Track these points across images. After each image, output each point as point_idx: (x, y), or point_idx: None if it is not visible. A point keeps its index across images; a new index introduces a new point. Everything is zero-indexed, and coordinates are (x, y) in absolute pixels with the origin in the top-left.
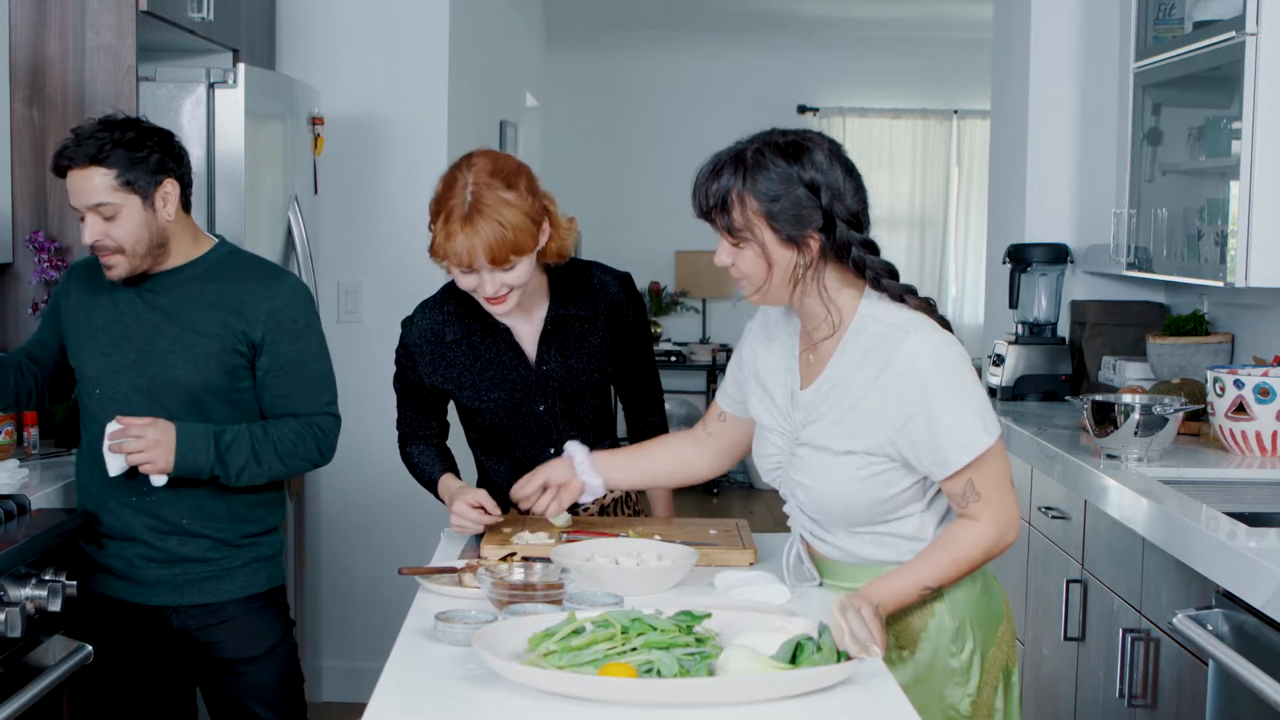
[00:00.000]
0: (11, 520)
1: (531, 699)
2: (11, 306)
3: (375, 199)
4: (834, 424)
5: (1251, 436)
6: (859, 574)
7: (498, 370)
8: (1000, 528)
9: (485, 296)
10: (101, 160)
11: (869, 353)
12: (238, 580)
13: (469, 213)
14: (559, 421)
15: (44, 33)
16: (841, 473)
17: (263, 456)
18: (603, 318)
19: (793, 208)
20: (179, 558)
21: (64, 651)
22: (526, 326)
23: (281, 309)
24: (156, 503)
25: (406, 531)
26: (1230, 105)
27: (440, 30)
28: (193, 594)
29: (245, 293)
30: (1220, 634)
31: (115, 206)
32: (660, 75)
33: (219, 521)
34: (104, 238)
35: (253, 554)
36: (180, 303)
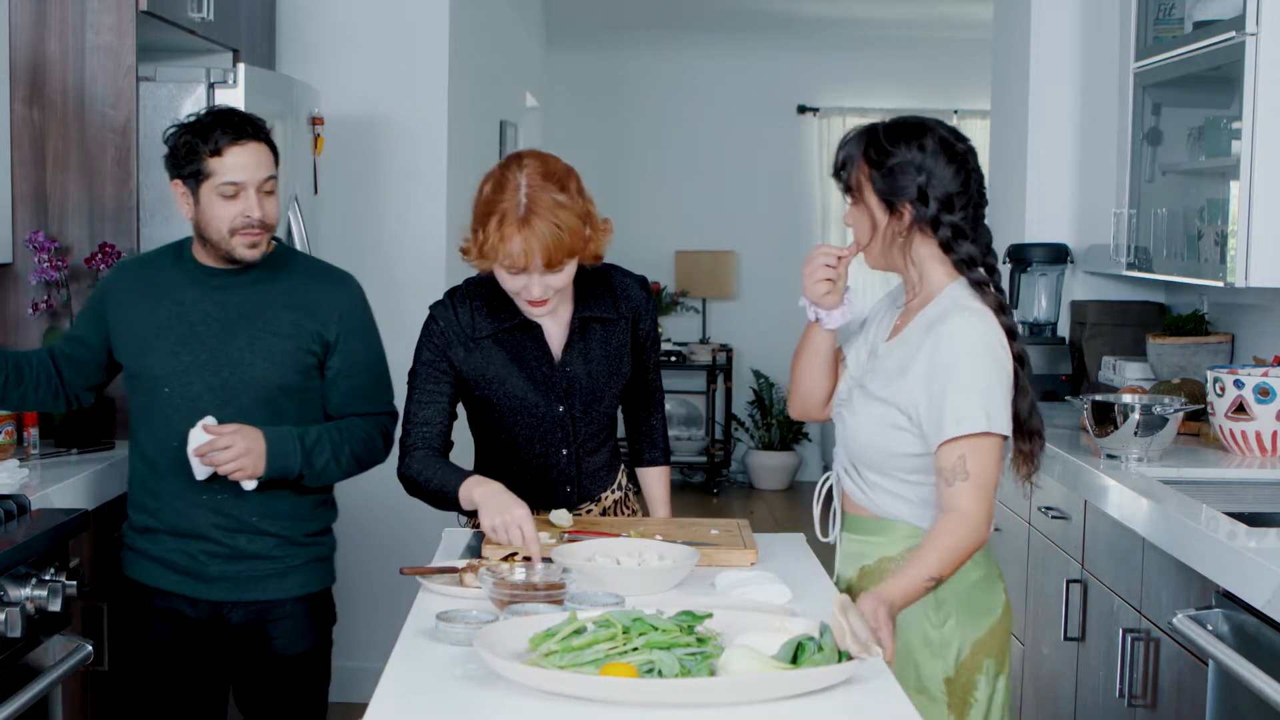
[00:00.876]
0: (11, 520)
1: (532, 699)
2: (11, 306)
3: (375, 199)
4: (884, 374)
5: (1251, 436)
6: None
7: (523, 368)
8: (984, 514)
9: (530, 299)
10: (262, 136)
11: (932, 324)
12: (297, 578)
13: (525, 214)
14: (576, 424)
15: (44, 33)
16: (871, 416)
17: (341, 456)
18: (625, 320)
19: (891, 176)
20: (245, 554)
21: (64, 651)
22: (554, 327)
23: (351, 310)
24: (227, 501)
25: (407, 531)
26: (1230, 105)
27: (440, 30)
28: (255, 590)
29: (317, 293)
30: (1220, 634)
31: (276, 182)
32: (660, 75)
33: (285, 520)
34: (259, 212)
35: (314, 553)
36: (252, 302)
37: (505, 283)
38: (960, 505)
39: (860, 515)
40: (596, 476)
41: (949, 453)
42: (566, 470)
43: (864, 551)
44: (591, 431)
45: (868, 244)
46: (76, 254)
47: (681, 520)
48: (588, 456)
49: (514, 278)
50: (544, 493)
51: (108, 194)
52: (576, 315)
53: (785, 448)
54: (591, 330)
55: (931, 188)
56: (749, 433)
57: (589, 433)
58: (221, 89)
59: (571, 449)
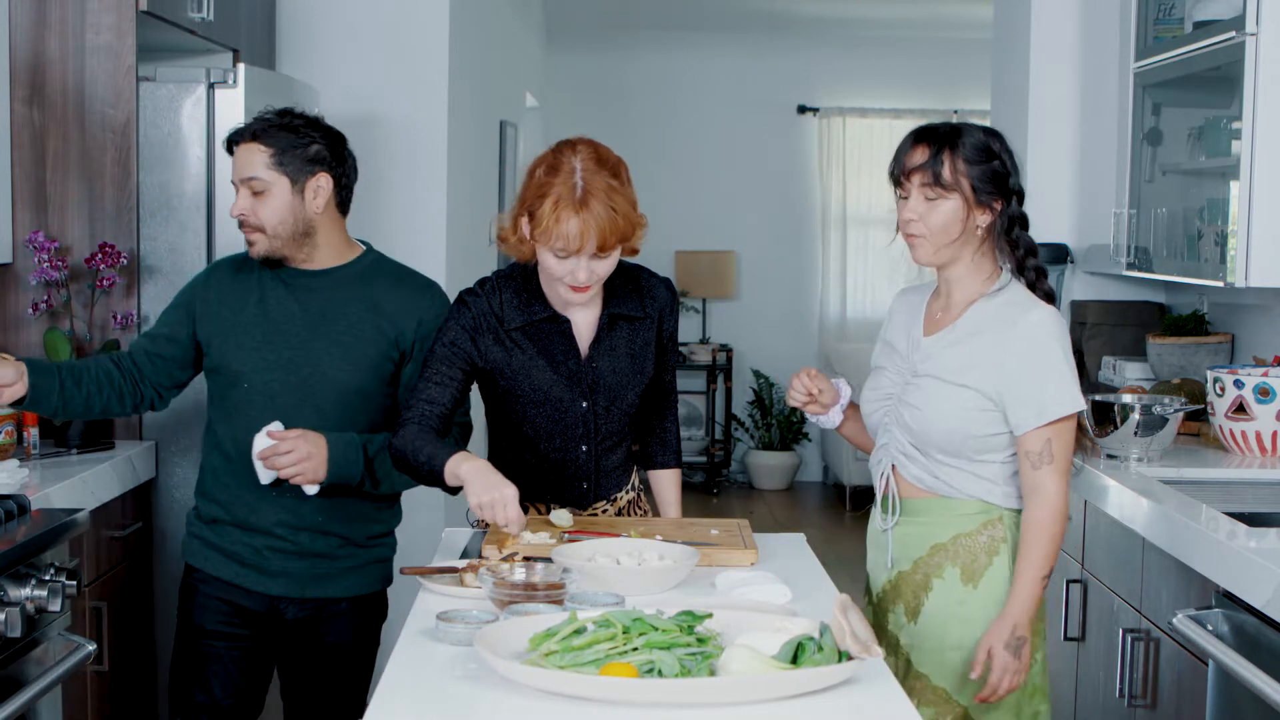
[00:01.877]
0: (11, 520)
1: (533, 699)
2: (11, 306)
3: (375, 199)
4: (955, 361)
5: (1251, 436)
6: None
7: (550, 361)
8: (1066, 495)
9: (575, 284)
10: (262, 137)
11: (999, 315)
12: (355, 579)
13: (583, 196)
14: (598, 420)
15: (44, 33)
16: (953, 402)
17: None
18: (651, 319)
19: (990, 173)
20: (309, 552)
21: (64, 651)
22: (585, 321)
23: (430, 319)
24: (293, 501)
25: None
26: (1230, 105)
27: (440, 30)
28: (314, 588)
29: (398, 300)
30: (1220, 634)
31: (265, 184)
32: (660, 75)
33: (350, 521)
34: (250, 214)
35: (374, 554)
36: (334, 305)
37: (551, 268)
38: (1047, 489)
39: (925, 498)
40: (613, 475)
41: (1038, 437)
42: (585, 466)
43: (925, 534)
44: (612, 429)
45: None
46: (76, 254)
47: (681, 520)
48: (606, 454)
49: (561, 262)
50: (561, 488)
51: (108, 194)
52: (606, 311)
53: (785, 448)
54: (619, 328)
55: (1016, 186)
56: (749, 433)
57: (609, 430)
58: (221, 89)
59: (592, 445)
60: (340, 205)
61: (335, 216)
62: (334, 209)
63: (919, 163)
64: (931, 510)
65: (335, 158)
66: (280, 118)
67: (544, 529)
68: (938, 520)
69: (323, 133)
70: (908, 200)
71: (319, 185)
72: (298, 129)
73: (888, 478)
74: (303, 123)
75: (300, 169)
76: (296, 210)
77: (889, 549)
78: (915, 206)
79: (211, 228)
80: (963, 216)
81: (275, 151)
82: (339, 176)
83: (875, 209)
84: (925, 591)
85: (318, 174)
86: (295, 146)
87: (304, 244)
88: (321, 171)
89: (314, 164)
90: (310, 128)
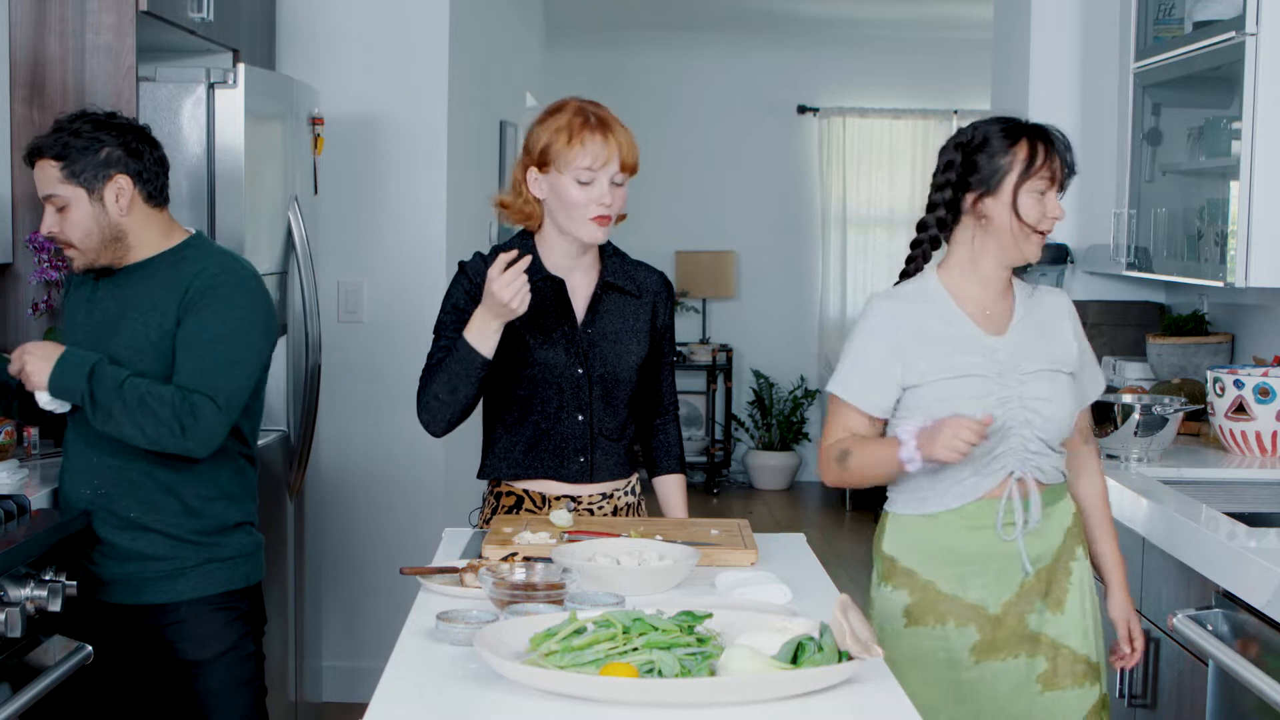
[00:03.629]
0: (11, 520)
1: (533, 699)
2: (11, 306)
3: (375, 199)
4: (1048, 350)
5: (1251, 436)
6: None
7: (547, 321)
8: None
9: (602, 208)
10: (47, 151)
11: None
12: (192, 580)
13: (597, 120)
14: (594, 389)
15: (44, 33)
16: (1068, 388)
17: (128, 401)
18: (645, 301)
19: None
20: (134, 554)
21: (64, 651)
22: (581, 287)
23: (209, 289)
24: (108, 497)
25: (407, 531)
26: (1230, 105)
27: (440, 30)
28: (149, 593)
29: (189, 275)
30: (1220, 634)
31: (63, 199)
32: (660, 75)
33: (170, 516)
34: (58, 230)
35: (208, 554)
36: (138, 297)
37: (574, 199)
38: (1096, 464)
39: (1050, 488)
40: (611, 459)
41: (1087, 413)
42: (581, 438)
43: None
44: (608, 401)
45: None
46: None
47: (682, 520)
48: (604, 430)
49: (585, 189)
50: (558, 460)
51: None
52: (601, 279)
53: (785, 448)
54: (613, 297)
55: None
56: (749, 433)
57: (606, 402)
58: (221, 89)
59: (588, 415)
60: (150, 199)
61: (146, 212)
62: (143, 205)
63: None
64: (1057, 497)
65: (131, 154)
66: (69, 124)
67: (544, 529)
68: (1062, 506)
69: (113, 131)
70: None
71: (118, 188)
72: (86, 135)
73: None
74: (90, 126)
75: (94, 176)
76: (100, 219)
77: (1023, 553)
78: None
79: (212, 228)
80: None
81: (65, 164)
82: (139, 173)
83: (875, 209)
84: (1067, 577)
85: (113, 177)
86: (84, 154)
87: (116, 248)
88: (117, 174)
89: (107, 168)
90: (100, 129)
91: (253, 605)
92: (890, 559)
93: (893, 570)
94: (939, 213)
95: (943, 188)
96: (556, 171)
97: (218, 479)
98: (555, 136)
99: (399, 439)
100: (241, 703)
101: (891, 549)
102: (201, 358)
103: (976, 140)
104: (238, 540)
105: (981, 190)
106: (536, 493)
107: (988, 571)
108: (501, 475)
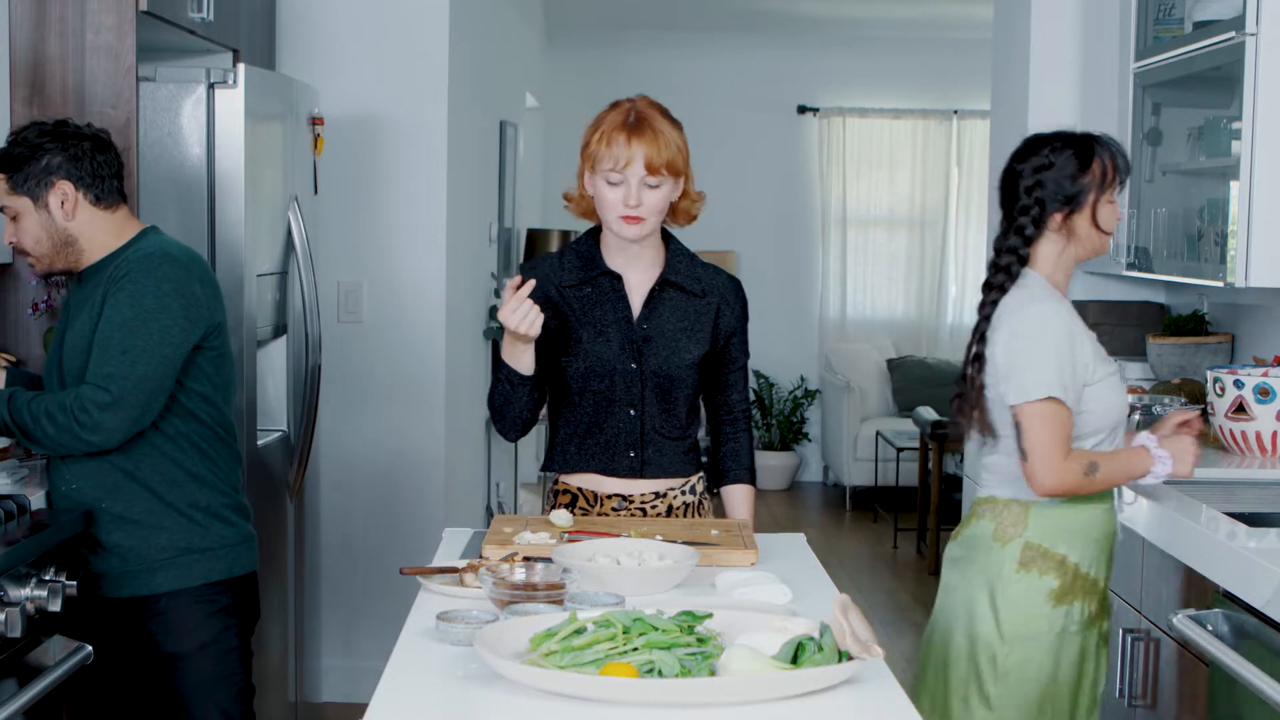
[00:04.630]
0: (11, 520)
1: (533, 699)
2: (11, 306)
3: (375, 199)
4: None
5: (1251, 436)
6: None
7: (603, 316)
8: None
9: (627, 209)
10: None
11: None
12: (171, 572)
13: (634, 123)
14: (646, 385)
15: (44, 33)
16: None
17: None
18: (709, 302)
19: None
20: (113, 547)
21: (64, 651)
22: (639, 284)
23: (116, 275)
24: (79, 492)
25: (407, 531)
26: (1230, 105)
27: (440, 30)
28: (131, 586)
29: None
30: (1220, 634)
31: (14, 209)
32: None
33: (139, 501)
34: (15, 239)
35: (184, 543)
36: (86, 295)
37: (604, 197)
38: None
39: None
40: (665, 456)
41: None
42: (632, 434)
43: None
44: (665, 405)
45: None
46: None
47: (682, 520)
48: (657, 433)
49: (613, 189)
50: (608, 456)
51: None
52: (660, 276)
53: (785, 448)
54: (671, 294)
55: None
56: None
57: (661, 404)
58: (221, 89)
59: (639, 411)
60: (98, 201)
61: (95, 214)
62: (90, 208)
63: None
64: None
65: (71, 160)
66: (19, 134)
67: (544, 529)
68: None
69: (53, 138)
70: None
71: (62, 194)
72: (26, 143)
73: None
74: (33, 134)
75: (37, 185)
76: (48, 226)
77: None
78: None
79: (212, 228)
80: None
81: (9, 175)
82: (80, 177)
83: (875, 209)
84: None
85: (55, 185)
86: (26, 164)
87: (69, 252)
88: (59, 180)
89: (48, 175)
90: (44, 137)
91: (238, 598)
92: (1037, 547)
93: (1041, 557)
94: (1028, 232)
95: (1028, 210)
96: (591, 171)
97: (180, 459)
98: (593, 136)
99: (399, 439)
100: (221, 697)
101: (1038, 538)
102: (100, 347)
103: (1055, 163)
104: (217, 531)
105: (1068, 209)
106: (589, 490)
107: (1105, 550)
108: (557, 469)
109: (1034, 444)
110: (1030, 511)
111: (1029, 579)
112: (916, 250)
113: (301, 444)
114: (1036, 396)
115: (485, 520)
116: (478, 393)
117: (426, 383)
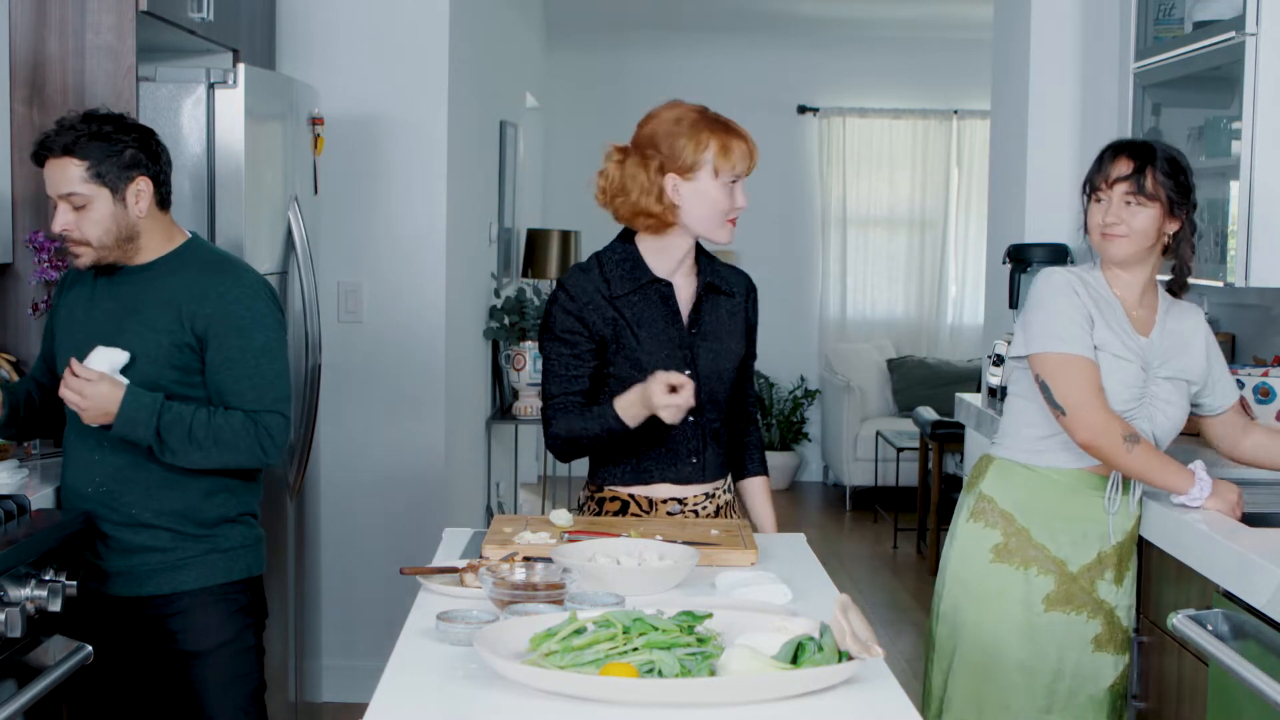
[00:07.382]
0: (11, 520)
1: (533, 699)
2: (11, 306)
3: (375, 199)
4: (1179, 361)
5: None
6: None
7: (656, 325)
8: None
9: (740, 209)
10: (74, 151)
11: (1179, 311)
12: (194, 571)
13: (728, 122)
14: (702, 389)
15: (44, 33)
16: (1186, 397)
17: (202, 442)
18: (739, 300)
19: (1180, 189)
20: (135, 548)
21: (64, 651)
22: (685, 290)
23: (229, 304)
24: (110, 494)
25: (407, 531)
26: (1230, 105)
27: (440, 30)
28: (151, 585)
29: (199, 287)
30: (1220, 634)
31: (85, 198)
32: (660, 75)
33: (172, 510)
34: (73, 228)
35: (209, 545)
36: (143, 298)
37: (718, 201)
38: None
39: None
40: (716, 461)
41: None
42: (693, 440)
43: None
44: (715, 408)
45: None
46: None
47: (682, 520)
48: (711, 437)
49: (729, 193)
50: (672, 464)
51: None
52: (702, 280)
53: (785, 448)
54: (713, 300)
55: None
56: None
57: (712, 407)
58: (221, 89)
59: (699, 416)
60: (162, 201)
61: (156, 215)
62: (154, 207)
63: (1124, 173)
64: (1137, 488)
65: (149, 157)
66: (88, 125)
67: (544, 529)
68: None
69: (134, 134)
70: (1107, 205)
71: (139, 190)
72: (109, 136)
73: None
74: (113, 128)
75: (119, 177)
76: (120, 219)
77: (1110, 527)
78: (1117, 211)
79: (212, 228)
80: (1160, 224)
81: (91, 164)
82: (156, 175)
83: (875, 209)
84: (1130, 557)
85: (136, 179)
86: (110, 155)
87: (128, 248)
88: (140, 175)
89: (131, 169)
90: (121, 131)
91: (253, 597)
92: (989, 499)
93: (989, 509)
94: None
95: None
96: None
97: (223, 474)
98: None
99: (399, 439)
100: (239, 695)
101: (992, 490)
102: (253, 376)
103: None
104: (238, 532)
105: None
106: (644, 497)
107: (1076, 532)
108: (613, 481)
109: (1066, 395)
110: (993, 464)
111: (974, 528)
112: (916, 250)
113: (302, 444)
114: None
115: (485, 520)
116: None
117: (426, 383)
